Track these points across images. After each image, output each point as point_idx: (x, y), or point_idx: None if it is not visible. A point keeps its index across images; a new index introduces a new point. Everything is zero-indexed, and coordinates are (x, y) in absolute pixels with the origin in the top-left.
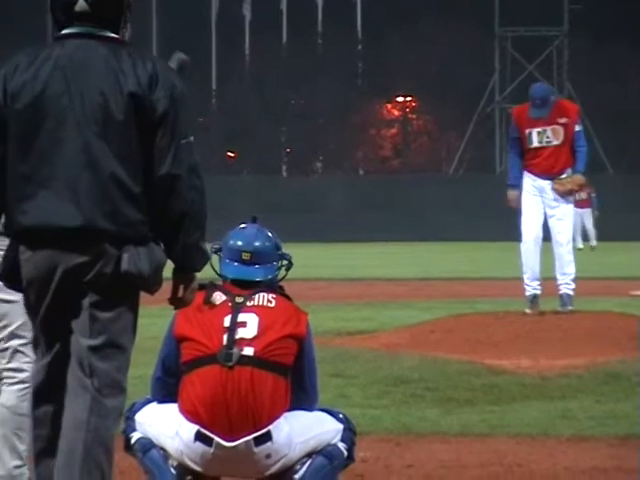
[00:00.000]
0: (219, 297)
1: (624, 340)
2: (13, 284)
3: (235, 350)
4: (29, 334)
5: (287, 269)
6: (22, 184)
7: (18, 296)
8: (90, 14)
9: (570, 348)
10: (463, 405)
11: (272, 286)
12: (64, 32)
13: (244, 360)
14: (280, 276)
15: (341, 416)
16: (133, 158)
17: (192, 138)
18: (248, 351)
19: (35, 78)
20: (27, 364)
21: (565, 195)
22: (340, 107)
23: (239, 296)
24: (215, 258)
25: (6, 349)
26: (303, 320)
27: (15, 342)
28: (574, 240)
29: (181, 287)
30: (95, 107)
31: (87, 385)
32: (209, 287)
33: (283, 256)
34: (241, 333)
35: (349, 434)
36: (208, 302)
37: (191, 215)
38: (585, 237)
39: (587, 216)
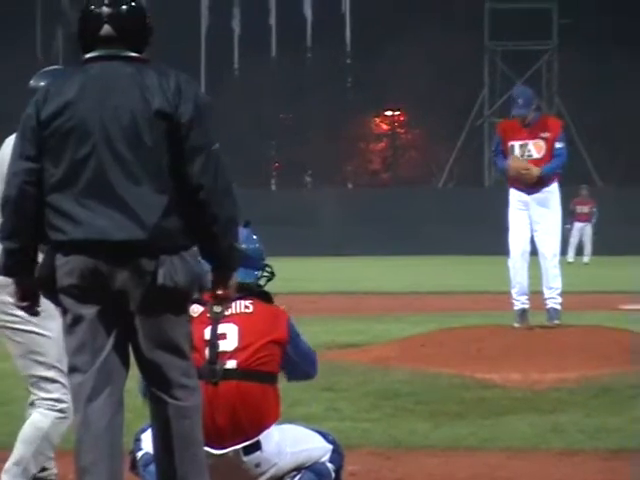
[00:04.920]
0: (196, 309)
1: (614, 354)
2: (49, 293)
3: (218, 365)
4: (65, 366)
5: (268, 280)
6: (59, 200)
7: (54, 332)
8: (115, 37)
9: (560, 362)
10: (453, 419)
11: (250, 290)
12: (89, 55)
13: (228, 374)
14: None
15: (330, 438)
16: (163, 171)
17: (218, 145)
18: (231, 364)
19: (66, 102)
20: (65, 395)
21: (513, 169)
22: (329, 121)
23: (216, 305)
24: None
25: (47, 379)
26: (282, 321)
27: (52, 373)
28: (566, 254)
29: (221, 285)
30: (124, 125)
31: (160, 395)
32: None
33: (265, 266)
34: (222, 346)
35: (337, 456)
36: None
37: (224, 219)
38: (580, 251)
39: (587, 231)
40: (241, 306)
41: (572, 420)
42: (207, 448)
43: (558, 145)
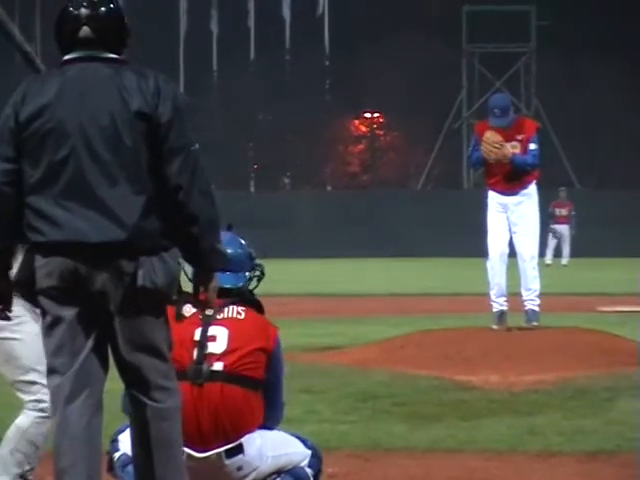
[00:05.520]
0: (189, 309)
1: (592, 356)
2: (28, 295)
3: (205, 366)
4: (44, 367)
5: (259, 280)
6: (38, 201)
7: (28, 335)
8: (93, 39)
9: (538, 364)
10: (432, 421)
11: (242, 295)
12: (68, 57)
13: (214, 376)
14: (251, 286)
15: (309, 443)
16: (142, 172)
17: (197, 145)
18: (218, 366)
19: (44, 104)
20: (46, 395)
21: (487, 145)
22: (308, 123)
23: (200, 309)
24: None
25: (27, 382)
26: (272, 334)
27: (31, 376)
28: (544, 256)
29: (202, 288)
30: (103, 126)
31: (138, 397)
32: (178, 301)
33: (256, 266)
34: (211, 348)
35: (316, 461)
36: (179, 317)
37: (204, 220)
38: (558, 253)
39: (565, 233)
40: (233, 311)
41: (549, 422)
42: (189, 450)
43: (532, 147)
